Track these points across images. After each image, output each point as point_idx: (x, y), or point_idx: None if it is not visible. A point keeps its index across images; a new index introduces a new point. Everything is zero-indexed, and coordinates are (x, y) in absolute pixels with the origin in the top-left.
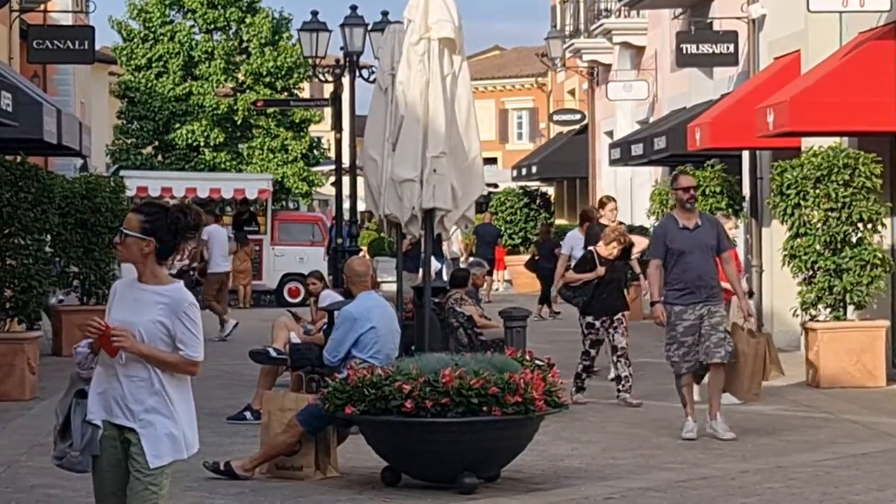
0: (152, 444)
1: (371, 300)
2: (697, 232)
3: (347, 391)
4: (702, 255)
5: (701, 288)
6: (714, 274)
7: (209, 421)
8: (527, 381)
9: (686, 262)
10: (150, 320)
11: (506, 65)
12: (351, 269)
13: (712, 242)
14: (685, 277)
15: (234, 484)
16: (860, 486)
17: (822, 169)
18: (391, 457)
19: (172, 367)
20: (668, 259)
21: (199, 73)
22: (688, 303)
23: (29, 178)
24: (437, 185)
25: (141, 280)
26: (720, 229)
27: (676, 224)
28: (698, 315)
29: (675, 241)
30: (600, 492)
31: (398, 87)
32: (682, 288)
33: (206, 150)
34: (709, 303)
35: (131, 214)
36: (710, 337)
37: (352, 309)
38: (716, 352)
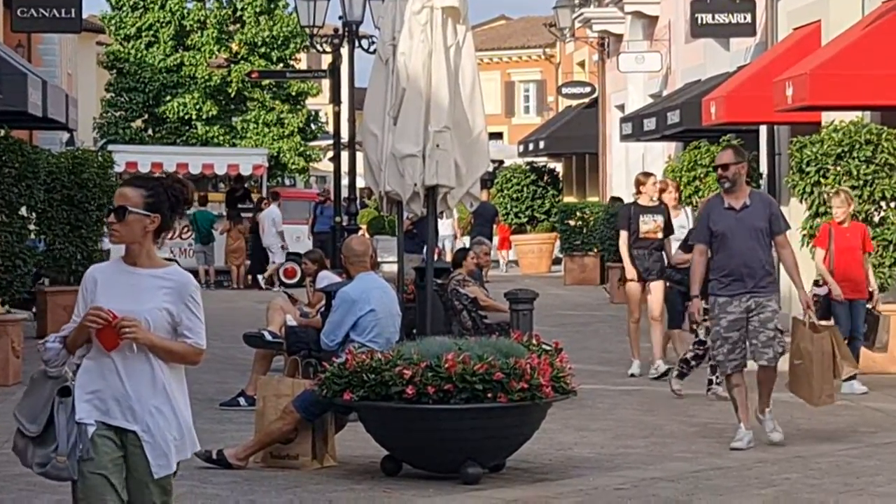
0: (157, 451)
1: (370, 281)
2: (745, 213)
3: (346, 376)
4: (748, 239)
5: (747, 277)
6: (764, 261)
7: (201, 407)
8: (533, 367)
9: (730, 246)
10: (156, 307)
11: (512, 35)
12: (349, 248)
13: (761, 224)
14: (729, 265)
15: (227, 473)
16: (882, 477)
17: (843, 145)
18: (391, 445)
19: (180, 357)
20: (713, 244)
21: (191, 42)
22: (733, 293)
23: (13, 153)
24: (440, 161)
25: (135, 263)
26: (774, 210)
27: (722, 204)
28: (745, 308)
29: (719, 223)
30: (610, 482)
31: (399, 58)
32: (727, 276)
33: (199, 124)
34: (757, 294)
35: (129, 190)
36: (758, 335)
37: (350, 290)
38: (763, 352)
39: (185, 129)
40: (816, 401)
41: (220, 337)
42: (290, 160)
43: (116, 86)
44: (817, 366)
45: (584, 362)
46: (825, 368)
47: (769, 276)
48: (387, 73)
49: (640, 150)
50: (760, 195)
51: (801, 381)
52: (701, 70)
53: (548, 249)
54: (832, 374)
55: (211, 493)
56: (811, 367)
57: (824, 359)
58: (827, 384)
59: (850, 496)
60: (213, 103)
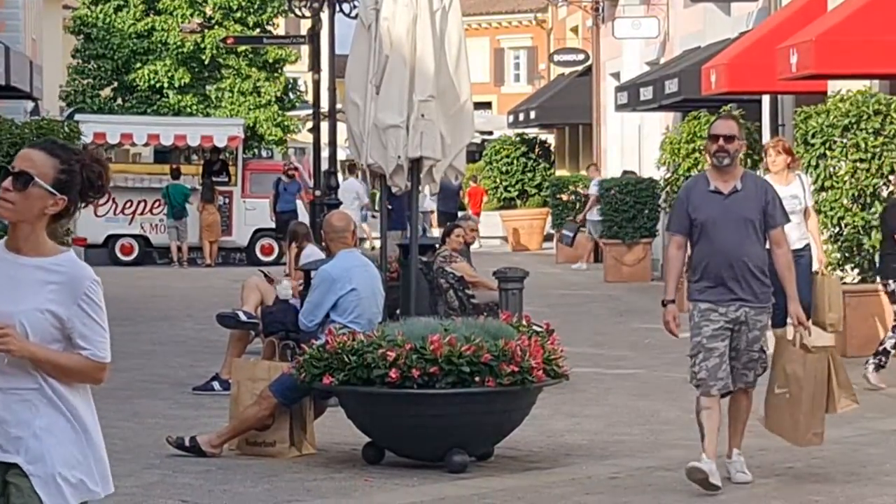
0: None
1: (352, 259)
2: (734, 199)
3: (326, 359)
4: (736, 232)
5: (732, 280)
6: (758, 260)
7: (173, 392)
8: (523, 349)
9: (713, 240)
10: (37, 308)
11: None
12: (329, 224)
13: (753, 216)
14: (712, 264)
15: (201, 461)
16: (890, 465)
17: (850, 116)
18: (374, 432)
19: (75, 374)
20: (693, 235)
21: (163, 6)
22: (717, 299)
23: None
24: (424, 132)
25: (19, 249)
26: (770, 197)
27: (706, 185)
28: (732, 318)
29: (700, 210)
30: (604, 471)
31: (382, 23)
32: (708, 278)
33: (171, 93)
34: (748, 304)
35: (39, 155)
36: (741, 356)
37: (330, 268)
38: (743, 374)
39: (157, 98)
40: (802, 439)
41: (192, 318)
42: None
43: (84, 52)
44: (807, 396)
45: (576, 344)
46: (817, 400)
47: (761, 281)
48: (369, 40)
49: (637, 120)
50: (755, 178)
51: (782, 415)
52: (700, 36)
53: (539, 225)
54: (825, 408)
55: (183, 483)
56: (800, 396)
57: (817, 388)
58: (816, 419)
59: (857, 486)
60: (186, 71)
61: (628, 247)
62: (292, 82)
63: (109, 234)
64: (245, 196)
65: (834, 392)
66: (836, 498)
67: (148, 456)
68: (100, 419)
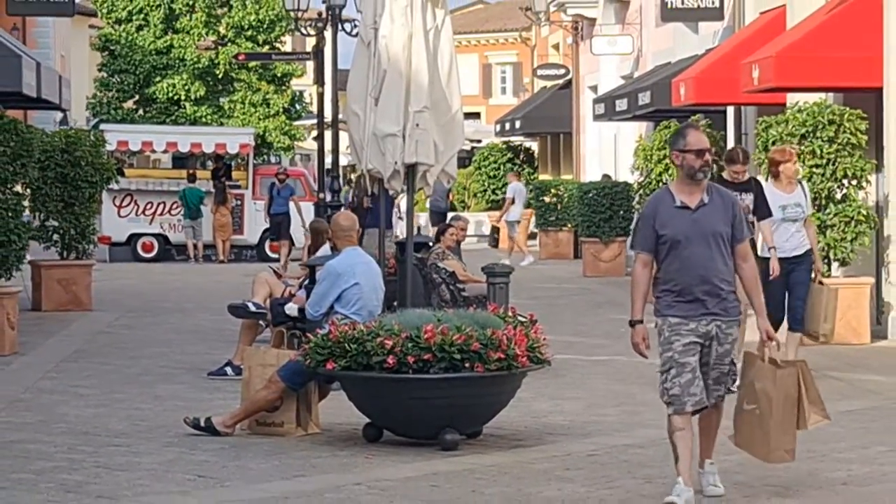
0: None
1: (356, 256)
2: (702, 213)
3: (329, 347)
4: (707, 247)
5: (706, 296)
6: (728, 275)
7: (190, 377)
8: (510, 338)
9: (683, 256)
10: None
11: (489, 19)
12: (336, 223)
13: (721, 228)
14: (682, 279)
15: (215, 440)
16: (845, 443)
17: (807, 125)
18: (373, 413)
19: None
20: (661, 252)
21: (181, 26)
22: (686, 314)
23: (8, 132)
24: (419, 140)
25: None
26: (737, 210)
27: (672, 201)
28: (703, 333)
29: (668, 226)
30: (583, 448)
31: (381, 40)
32: (679, 295)
33: (188, 104)
34: (720, 317)
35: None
36: (710, 371)
37: (335, 264)
38: (714, 390)
39: (175, 110)
40: (772, 456)
41: (207, 309)
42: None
43: (108, 67)
44: (777, 413)
45: (557, 334)
46: (787, 417)
47: (732, 295)
48: (369, 56)
49: (613, 129)
50: (720, 191)
51: (752, 432)
52: (671, 53)
53: (523, 225)
54: (795, 424)
55: (199, 460)
56: (770, 413)
57: (786, 404)
58: (788, 436)
59: (814, 461)
60: (202, 84)
61: (605, 244)
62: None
63: (132, 232)
64: (255, 198)
65: (804, 408)
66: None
67: (167, 435)
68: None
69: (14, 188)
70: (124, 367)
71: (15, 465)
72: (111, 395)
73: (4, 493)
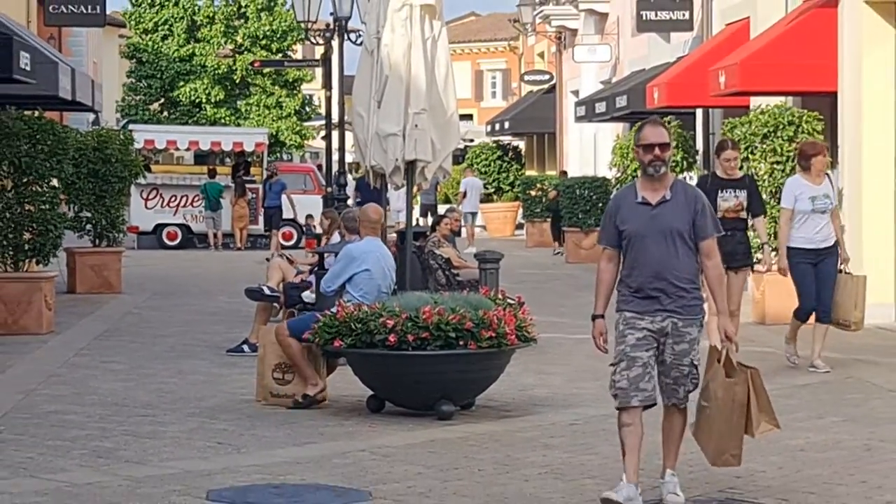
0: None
1: (373, 246)
2: (662, 209)
3: (336, 326)
4: (663, 244)
5: (661, 293)
6: (686, 272)
7: (210, 353)
8: (499, 318)
9: (640, 251)
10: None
11: (481, 30)
12: (366, 214)
13: (681, 226)
14: (639, 276)
15: (234, 410)
16: (801, 413)
17: (768, 126)
18: (375, 386)
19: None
20: (624, 246)
21: (202, 35)
22: (641, 309)
23: (45, 132)
24: (418, 139)
25: None
26: (700, 206)
27: (634, 197)
28: (658, 329)
29: (628, 221)
30: (565, 418)
31: (383, 49)
32: (636, 291)
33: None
34: (676, 315)
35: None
36: (670, 371)
37: (353, 248)
38: (674, 391)
39: (196, 111)
40: (717, 460)
41: (226, 292)
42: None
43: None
44: (724, 418)
45: (543, 314)
46: (734, 423)
47: (690, 293)
48: (372, 63)
49: (593, 129)
50: (685, 187)
51: (704, 430)
52: (645, 60)
53: (512, 216)
54: (742, 430)
55: (219, 428)
56: (717, 416)
57: (734, 411)
58: (734, 442)
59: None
60: (221, 89)
61: (585, 233)
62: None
63: (157, 223)
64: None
65: (753, 416)
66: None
67: (189, 406)
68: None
69: (51, 182)
70: (150, 344)
71: (51, 434)
72: (139, 370)
73: (42, 459)
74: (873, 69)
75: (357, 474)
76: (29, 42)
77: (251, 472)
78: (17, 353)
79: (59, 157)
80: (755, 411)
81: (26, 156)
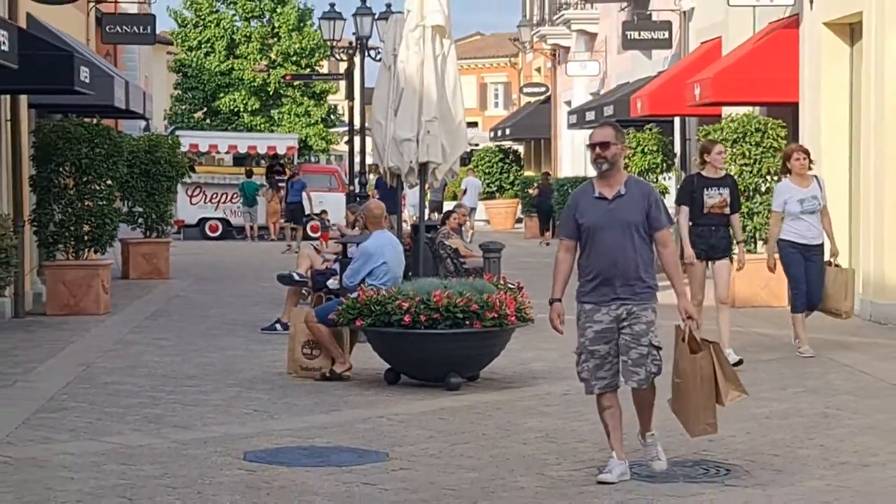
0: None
1: (385, 238)
2: (617, 203)
3: (358, 308)
4: (619, 236)
5: (616, 280)
6: (638, 262)
7: (247, 332)
8: (501, 301)
9: (598, 243)
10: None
11: (485, 47)
12: (370, 211)
13: (636, 218)
14: (596, 265)
15: (268, 381)
16: (766, 385)
17: (738, 132)
18: (392, 361)
19: None
20: (582, 239)
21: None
22: (600, 300)
23: (102, 137)
24: (430, 144)
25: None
26: (653, 200)
27: (592, 192)
28: (614, 317)
29: (586, 215)
30: (559, 389)
31: (399, 64)
32: (593, 279)
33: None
34: (629, 302)
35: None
36: (629, 351)
37: (368, 245)
38: (634, 372)
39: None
40: (695, 430)
41: (260, 278)
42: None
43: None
44: (695, 390)
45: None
46: (705, 394)
47: (644, 281)
48: (389, 76)
49: (583, 136)
50: (639, 183)
51: (678, 403)
52: (630, 74)
53: (512, 211)
54: (714, 400)
55: (255, 397)
56: (689, 389)
57: (703, 383)
58: (708, 412)
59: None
60: (256, 99)
61: None
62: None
63: (201, 217)
64: None
65: (721, 386)
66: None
67: (229, 378)
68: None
69: (107, 181)
70: (195, 323)
71: (108, 401)
72: (184, 346)
73: (100, 424)
74: (830, 83)
75: (376, 437)
76: (88, 58)
77: (283, 435)
78: (78, 331)
79: (114, 158)
80: (722, 381)
81: (86, 158)
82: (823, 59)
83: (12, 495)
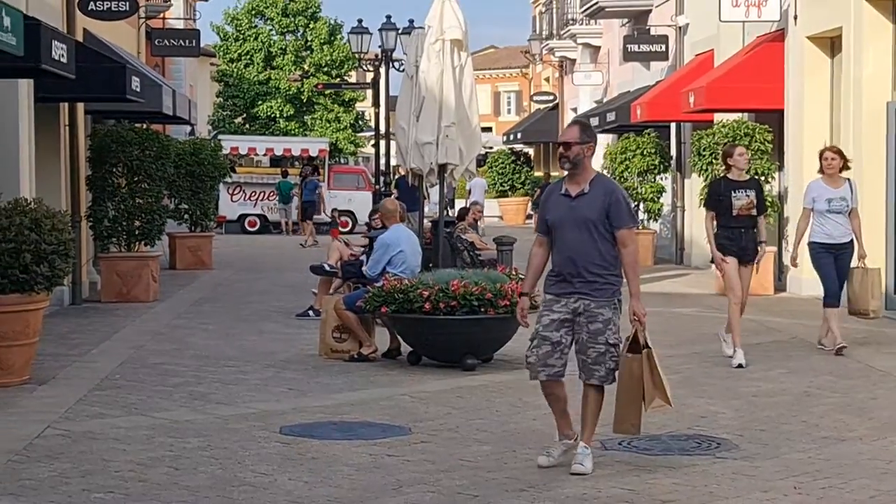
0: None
1: (400, 231)
2: (579, 201)
3: (383, 296)
4: (578, 232)
5: (573, 276)
6: (596, 259)
7: (283, 317)
8: (513, 290)
9: (560, 238)
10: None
11: (499, 59)
12: (384, 207)
13: (593, 216)
14: (558, 260)
15: (301, 362)
16: (754, 367)
17: (728, 136)
18: (414, 344)
19: None
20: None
21: (276, 64)
22: (559, 292)
23: (151, 140)
24: (448, 147)
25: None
26: (614, 199)
27: (560, 189)
28: (572, 310)
29: (551, 211)
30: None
31: (421, 75)
32: (555, 274)
33: (281, 120)
34: (586, 297)
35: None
36: (587, 349)
37: (386, 237)
38: (594, 370)
39: (272, 124)
40: (617, 426)
41: (296, 269)
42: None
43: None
44: (624, 389)
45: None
46: (633, 396)
47: (602, 278)
48: (412, 85)
49: None
50: (605, 183)
51: (616, 397)
52: (630, 84)
53: (523, 208)
54: (639, 402)
55: (289, 377)
56: (619, 387)
57: (632, 384)
58: (632, 412)
59: (732, 380)
60: (291, 106)
61: None
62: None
63: (241, 213)
64: (330, 188)
65: (646, 391)
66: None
67: (266, 359)
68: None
69: (156, 181)
70: (236, 309)
71: (157, 381)
72: (227, 330)
73: (150, 400)
74: (813, 91)
75: (399, 413)
76: (139, 69)
77: (315, 411)
78: (129, 317)
79: (162, 160)
80: (649, 387)
81: (137, 160)
82: (807, 70)
83: (71, 465)
